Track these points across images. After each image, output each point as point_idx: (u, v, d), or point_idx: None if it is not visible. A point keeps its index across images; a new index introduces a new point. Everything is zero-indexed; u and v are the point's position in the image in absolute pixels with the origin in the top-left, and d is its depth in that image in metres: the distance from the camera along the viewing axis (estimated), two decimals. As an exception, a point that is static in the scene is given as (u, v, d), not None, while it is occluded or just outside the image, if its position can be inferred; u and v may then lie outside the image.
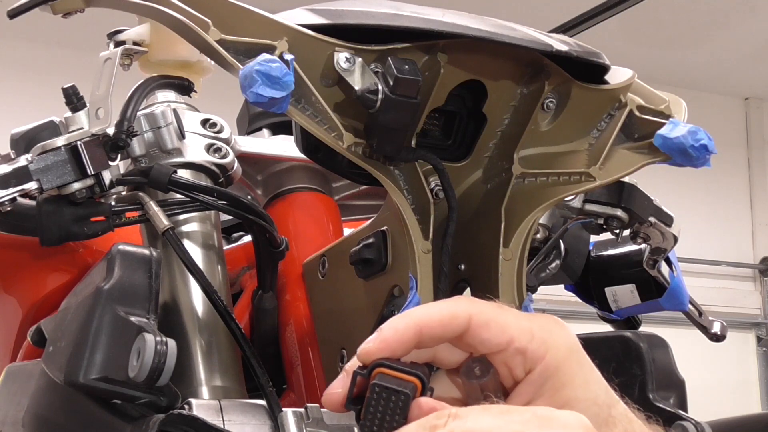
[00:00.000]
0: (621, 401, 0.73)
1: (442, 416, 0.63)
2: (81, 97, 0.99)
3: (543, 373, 0.69)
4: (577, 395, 0.70)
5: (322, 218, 1.21)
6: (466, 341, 0.68)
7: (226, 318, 0.96)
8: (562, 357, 0.70)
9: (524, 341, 0.69)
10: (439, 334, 0.67)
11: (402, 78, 0.84)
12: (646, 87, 1.00)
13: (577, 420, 0.63)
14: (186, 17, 0.85)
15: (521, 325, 0.69)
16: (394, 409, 0.64)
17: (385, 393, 0.64)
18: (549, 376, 0.69)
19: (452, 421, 0.62)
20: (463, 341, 0.68)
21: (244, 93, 0.81)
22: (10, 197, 0.93)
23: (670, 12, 5.85)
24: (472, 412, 0.63)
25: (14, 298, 1.16)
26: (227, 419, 0.89)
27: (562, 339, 0.71)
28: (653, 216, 1.15)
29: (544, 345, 0.69)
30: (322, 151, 0.93)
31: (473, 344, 0.68)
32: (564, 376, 0.70)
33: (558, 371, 0.70)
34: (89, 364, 0.85)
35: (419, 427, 0.63)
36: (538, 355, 0.69)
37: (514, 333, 0.69)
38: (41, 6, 0.97)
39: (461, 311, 0.68)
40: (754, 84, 6.84)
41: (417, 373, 0.65)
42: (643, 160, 0.97)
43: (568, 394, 0.70)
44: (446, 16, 0.88)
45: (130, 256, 0.90)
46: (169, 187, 1.00)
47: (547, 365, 0.69)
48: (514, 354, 0.69)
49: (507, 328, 0.69)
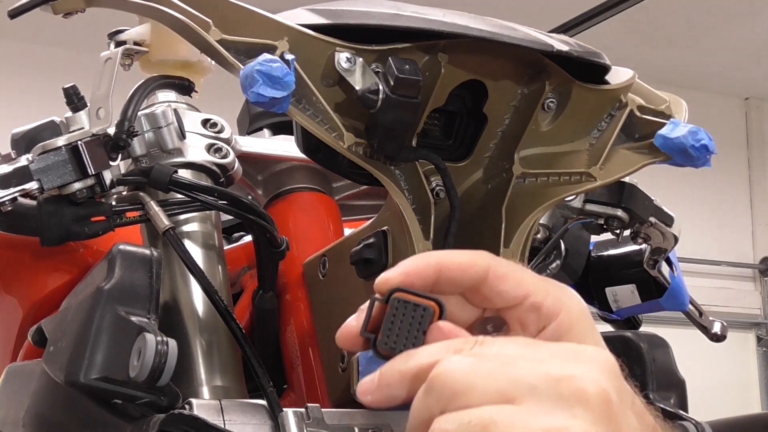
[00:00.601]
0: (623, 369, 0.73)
1: (469, 342, 0.63)
2: (82, 97, 0.99)
3: (556, 331, 0.69)
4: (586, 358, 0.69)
5: (322, 218, 1.21)
6: (482, 293, 0.67)
7: (226, 318, 0.96)
8: (575, 318, 0.69)
9: (540, 297, 0.68)
10: (457, 278, 0.67)
11: (403, 78, 0.84)
12: (647, 87, 1.00)
13: (604, 356, 0.63)
14: (187, 17, 0.85)
15: (537, 282, 0.69)
16: (413, 325, 0.64)
17: (405, 308, 0.64)
18: (562, 334, 0.69)
19: (478, 346, 0.62)
20: (479, 293, 0.67)
21: (245, 93, 0.81)
22: (10, 197, 0.93)
23: (670, 12, 5.85)
24: (498, 340, 0.63)
25: (15, 298, 1.16)
26: (228, 419, 0.89)
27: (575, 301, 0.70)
28: (654, 216, 1.15)
29: (559, 303, 0.69)
30: (323, 151, 0.93)
31: (489, 296, 0.68)
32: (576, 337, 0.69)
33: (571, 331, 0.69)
34: (90, 364, 0.85)
35: (443, 348, 0.63)
36: (552, 312, 0.69)
37: (531, 288, 0.69)
38: (41, 6, 0.97)
39: (481, 260, 0.68)
40: (754, 84, 6.84)
41: (435, 298, 0.65)
42: (644, 160, 0.97)
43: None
44: (447, 16, 0.88)
45: (131, 256, 0.91)
46: (170, 187, 1.00)
47: (561, 323, 0.69)
48: (529, 310, 0.68)
49: (523, 283, 0.69)
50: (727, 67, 6.52)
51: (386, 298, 0.64)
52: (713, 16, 5.91)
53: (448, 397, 0.60)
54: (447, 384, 0.61)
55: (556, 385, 0.60)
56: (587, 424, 0.59)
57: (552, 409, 0.59)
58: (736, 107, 6.97)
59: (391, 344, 0.64)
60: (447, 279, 0.67)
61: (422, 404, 0.62)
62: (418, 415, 0.62)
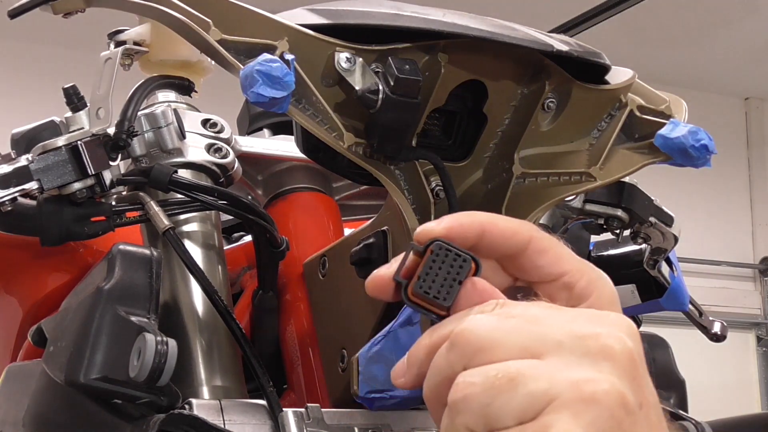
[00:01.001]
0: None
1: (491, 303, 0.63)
2: (81, 97, 0.99)
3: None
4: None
5: (322, 218, 1.21)
6: (519, 263, 0.67)
7: (226, 318, 0.96)
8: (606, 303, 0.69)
9: (575, 277, 0.68)
10: (498, 243, 0.66)
11: (402, 78, 0.84)
12: (647, 87, 1.00)
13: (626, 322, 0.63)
14: (186, 17, 0.85)
15: (575, 262, 0.69)
16: (451, 274, 0.64)
17: (447, 256, 0.64)
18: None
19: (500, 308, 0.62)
20: (516, 263, 0.67)
21: (245, 93, 0.81)
22: (10, 197, 0.93)
23: (670, 12, 5.85)
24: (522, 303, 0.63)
25: (14, 298, 1.16)
26: (228, 419, 0.89)
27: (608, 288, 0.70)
28: (654, 216, 1.15)
29: (592, 286, 0.69)
30: (323, 151, 0.93)
31: (526, 268, 0.67)
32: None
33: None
34: (90, 364, 0.85)
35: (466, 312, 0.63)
36: (584, 294, 0.68)
37: (567, 267, 0.68)
38: (41, 6, 0.97)
39: (524, 230, 0.67)
40: (754, 84, 6.84)
41: (474, 255, 0.64)
42: (644, 160, 0.97)
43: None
44: (447, 16, 0.88)
45: (131, 256, 0.91)
46: (170, 187, 1.00)
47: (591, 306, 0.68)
48: (562, 287, 0.68)
49: (562, 260, 0.68)
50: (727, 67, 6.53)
51: (424, 248, 0.64)
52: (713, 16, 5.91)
53: (472, 352, 0.60)
54: (471, 340, 0.61)
55: (582, 341, 0.60)
56: (614, 377, 0.59)
57: (578, 364, 0.59)
58: (736, 107, 6.97)
59: (426, 288, 0.63)
60: (488, 242, 0.66)
61: (444, 361, 0.61)
62: (439, 372, 0.62)
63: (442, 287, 0.64)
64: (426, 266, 0.64)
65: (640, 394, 0.61)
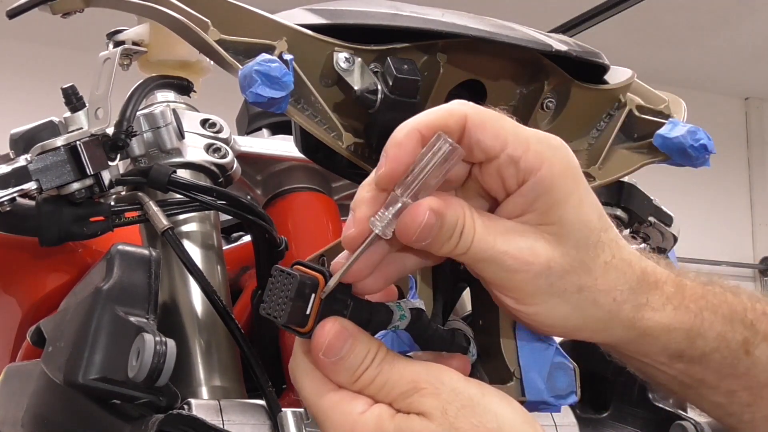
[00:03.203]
0: (613, 227, 0.73)
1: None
2: (80, 97, 0.99)
3: (535, 188, 0.68)
4: (569, 216, 0.70)
5: (321, 218, 1.21)
6: (463, 144, 0.68)
7: (225, 318, 0.96)
8: (558, 173, 0.69)
9: (519, 150, 0.68)
10: (439, 128, 0.67)
11: (401, 78, 0.84)
12: (646, 87, 1.00)
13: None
14: (185, 17, 0.85)
15: (518, 133, 0.69)
16: (284, 293, 0.68)
17: (280, 276, 0.69)
18: (542, 192, 0.69)
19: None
20: (462, 145, 0.67)
21: (244, 93, 0.81)
22: (9, 197, 0.93)
23: (670, 12, 5.85)
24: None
25: (14, 298, 1.16)
26: (227, 419, 0.89)
27: (560, 155, 0.70)
28: (653, 216, 1.15)
29: (540, 158, 0.68)
30: (322, 151, 0.93)
31: (471, 148, 0.68)
32: (557, 194, 0.69)
33: (552, 188, 0.69)
34: (88, 364, 0.85)
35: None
36: (532, 167, 0.68)
37: (510, 139, 0.68)
38: (41, 6, 0.97)
39: (457, 109, 0.68)
40: (754, 84, 6.85)
41: (322, 270, 0.69)
42: (643, 159, 0.97)
43: (559, 214, 0.70)
44: (446, 16, 0.88)
45: (130, 256, 0.90)
46: (169, 187, 1.00)
47: (541, 179, 0.68)
48: (507, 163, 0.68)
49: (502, 133, 0.68)
50: (727, 67, 6.53)
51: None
52: (713, 16, 5.91)
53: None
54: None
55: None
56: None
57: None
58: (736, 107, 6.97)
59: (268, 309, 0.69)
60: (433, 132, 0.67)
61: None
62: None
63: (278, 306, 0.68)
64: (267, 289, 0.69)
65: None
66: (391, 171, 0.67)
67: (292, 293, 0.68)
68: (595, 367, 1.14)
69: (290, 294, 0.68)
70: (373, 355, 0.70)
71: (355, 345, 0.69)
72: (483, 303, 0.86)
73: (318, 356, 0.69)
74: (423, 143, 0.67)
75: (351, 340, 0.69)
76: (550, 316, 0.72)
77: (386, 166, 0.68)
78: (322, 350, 0.69)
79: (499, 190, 0.70)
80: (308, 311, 0.68)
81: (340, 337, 0.69)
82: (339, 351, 0.69)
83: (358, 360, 0.69)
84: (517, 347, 0.84)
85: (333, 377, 0.70)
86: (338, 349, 0.69)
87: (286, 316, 0.68)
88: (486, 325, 0.85)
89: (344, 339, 0.69)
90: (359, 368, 0.69)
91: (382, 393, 0.69)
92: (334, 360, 0.69)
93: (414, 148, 0.67)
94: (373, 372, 0.69)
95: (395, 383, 0.69)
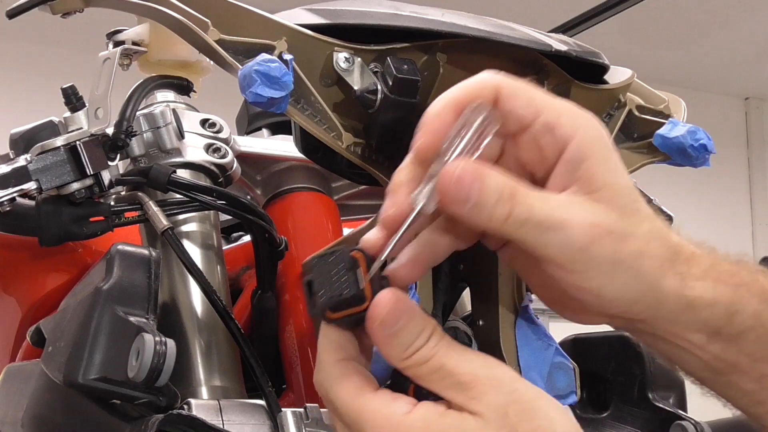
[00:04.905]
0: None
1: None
2: (80, 97, 0.99)
3: (576, 154, 0.67)
4: (614, 180, 0.69)
5: (321, 218, 1.21)
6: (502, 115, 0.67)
7: (225, 318, 0.96)
8: (595, 138, 0.68)
9: (553, 117, 0.67)
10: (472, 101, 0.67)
11: (401, 78, 0.84)
12: (646, 87, 1.00)
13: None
14: (185, 17, 0.85)
15: (550, 101, 0.68)
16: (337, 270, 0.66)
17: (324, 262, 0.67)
18: (584, 157, 0.67)
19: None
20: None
21: (243, 93, 0.81)
22: (9, 197, 0.93)
23: (670, 12, 5.85)
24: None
25: (13, 298, 1.16)
26: (226, 419, 0.89)
27: (593, 122, 0.69)
28: (653, 216, 1.15)
29: (575, 124, 0.68)
30: (322, 151, 0.93)
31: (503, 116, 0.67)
32: (599, 159, 0.68)
33: (593, 152, 0.68)
34: (88, 364, 0.85)
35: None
36: (568, 133, 0.67)
37: (542, 107, 0.68)
38: (40, 6, 0.97)
39: (489, 80, 0.68)
40: (754, 84, 6.85)
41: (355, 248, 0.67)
42: (643, 159, 0.97)
43: (605, 179, 0.68)
44: (445, 15, 0.88)
45: (130, 256, 0.90)
46: (169, 187, 1.00)
47: (581, 144, 0.67)
48: (543, 131, 0.67)
49: (534, 101, 0.68)
50: (727, 67, 6.53)
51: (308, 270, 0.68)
52: (713, 16, 5.91)
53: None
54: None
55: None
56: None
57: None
58: (736, 107, 6.97)
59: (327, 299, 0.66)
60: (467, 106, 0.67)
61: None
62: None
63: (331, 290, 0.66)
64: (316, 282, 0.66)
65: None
66: (429, 141, 0.67)
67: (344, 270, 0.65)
68: (595, 367, 1.14)
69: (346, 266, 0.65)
70: (428, 333, 0.67)
71: (412, 317, 0.66)
72: (483, 303, 0.86)
73: (373, 326, 0.66)
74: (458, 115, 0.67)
75: (408, 312, 0.66)
76: (612, 289, 0.68)
77: (424, 137, 0.67)
78: (379, 320, 0.66)
79: (537, 162, 0.69)
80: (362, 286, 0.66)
81: (398, 307, 0.66)
82: (397, 321, 0.66)
83: (414, 335, 0.66)
84: (517, 347, 0.84)
85: (386, 351, 0.67)
86: (396, 319, 0.66)
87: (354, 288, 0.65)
88: (486, 325, 0.85)
89: (402, 309, 0.66)
90: (414, 344, 0.66)
91: (434, 378, 0.66)
92: (390, 332, 0.66)
93: (450, 120, 0.67)
94: (427, 352, 0.66)
95: (451, 371, 0.66)
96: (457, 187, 0.65)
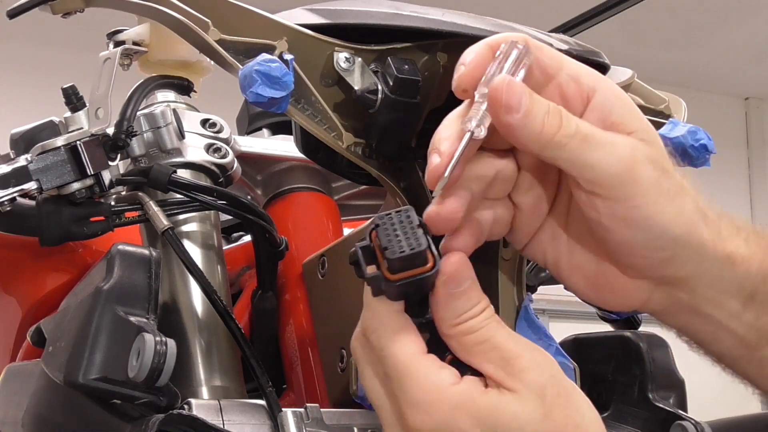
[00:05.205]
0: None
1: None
2: (80, 97, 0.99)
3: (604, 102, 0.70)
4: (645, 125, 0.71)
5: (321, 218, 1.21)
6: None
7: (225, 318, 0.96)
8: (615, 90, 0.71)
9: (575, 69, 0.71)
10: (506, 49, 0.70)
11: (401, 78, 0.84)
12: (646, 87, 1.00)
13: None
14: (185, 17, 0.85)
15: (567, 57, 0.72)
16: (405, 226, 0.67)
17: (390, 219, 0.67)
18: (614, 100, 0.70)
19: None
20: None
21: (244, 93, 0.81)
22: (9, 197, 0.93)
23: (670, 12, 5.85)
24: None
25: (14, 298, 1.16)
26: (227, 419, 0.89)
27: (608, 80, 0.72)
28: (653, 216, 1.14)
29: (595, 76, 0.71)
30: (322, 151, 0.93)
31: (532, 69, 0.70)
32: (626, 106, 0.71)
33: (620, 98, 0.71)
34: (89, 364, 0.85)
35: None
36: (592, 83, 0.70)
37: (564, 60, 0.71)
38: (41, 6, 0.97)
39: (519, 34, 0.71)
40: (754, 84, 6.85)
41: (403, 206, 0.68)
42: (643, 159, 0.97)
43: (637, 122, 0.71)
44: (446, 15, 0.88)
45: (130, 256, 0.90)
46: (169, 187, 1.00)
47: (605, 94, 0.70)
48: (568, 81, 0.70)
49: (557, 54, 0.72)
50: (727, 67, 6.53)
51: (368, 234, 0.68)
52: (713, 16, 5.91)
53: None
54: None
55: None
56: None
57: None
58: (736, 107, 6.97)
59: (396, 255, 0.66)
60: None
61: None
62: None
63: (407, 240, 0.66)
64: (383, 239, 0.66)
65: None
66: (471, 71, 0.69)
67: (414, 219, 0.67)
68: (595, 368, 1.14)
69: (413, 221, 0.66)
70: (483, 306, 0.68)
71: (473, 286, 0.68)
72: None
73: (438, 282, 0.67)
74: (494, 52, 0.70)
75: (472, 279, 0.68)
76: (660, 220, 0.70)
77: (466, 68, 0.70)
78: (446, 276, 0.67)
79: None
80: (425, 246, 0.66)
81: (465, 269, 0.68)
82: (461, 283, 0.67)
83: (470, 303, 0.68)
84: None
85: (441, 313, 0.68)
86: (461, 280, 0.67)
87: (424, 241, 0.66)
88: (486, 325, 0.85)
89: (468, 275, 0.68)
90: (468, 312, 0.67)
91: (479, 350, 0.67)
92: (452, 292, 0.67)
93: (488, 55, 0.70)
94: (478, 323, 0.67)
95: (496, 345, 0.67)
96: (509, 94, 0.67)
